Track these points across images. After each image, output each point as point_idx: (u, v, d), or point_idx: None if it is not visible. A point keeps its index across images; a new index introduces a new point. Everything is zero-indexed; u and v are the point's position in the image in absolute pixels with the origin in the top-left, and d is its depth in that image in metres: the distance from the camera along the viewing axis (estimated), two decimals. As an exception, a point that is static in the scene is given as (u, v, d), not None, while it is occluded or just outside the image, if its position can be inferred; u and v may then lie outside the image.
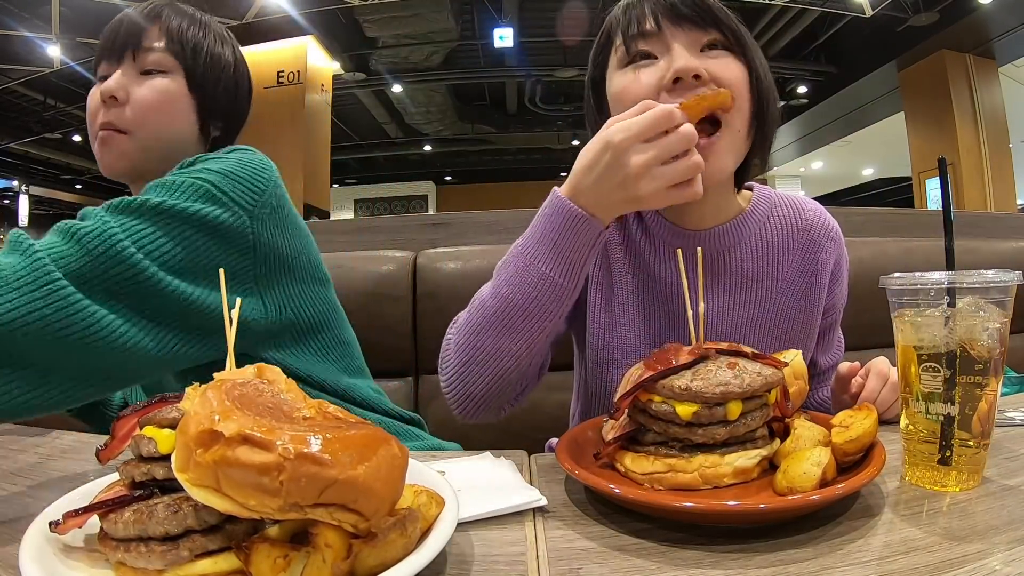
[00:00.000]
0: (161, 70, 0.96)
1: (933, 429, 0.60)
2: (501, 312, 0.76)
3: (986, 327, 0.58)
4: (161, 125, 0.97)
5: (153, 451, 0.46)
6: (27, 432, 0.88)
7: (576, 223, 0.72)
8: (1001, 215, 2.83)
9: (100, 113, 0.95)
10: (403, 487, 0.45)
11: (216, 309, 0.76)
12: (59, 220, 0.75)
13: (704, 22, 0.81)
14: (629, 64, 0.84)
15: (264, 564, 0.41)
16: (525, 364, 0.79)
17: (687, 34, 0.81)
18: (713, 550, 0.50)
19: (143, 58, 0.95)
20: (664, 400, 0.63)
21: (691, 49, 0.81)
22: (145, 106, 0.95)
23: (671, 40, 0.81)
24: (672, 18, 0.81)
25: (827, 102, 9.77)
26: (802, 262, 0.94)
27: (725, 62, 0.81)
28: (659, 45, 0.82)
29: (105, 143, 0.95)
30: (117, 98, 0.94)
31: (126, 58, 0.95)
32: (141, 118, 0.95)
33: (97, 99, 0.95)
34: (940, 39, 7.70)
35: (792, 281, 0.93)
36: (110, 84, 0.94)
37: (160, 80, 0.96)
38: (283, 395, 0.47)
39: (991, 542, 0.49)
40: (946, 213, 0.66)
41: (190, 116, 0.99)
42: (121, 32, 0.96)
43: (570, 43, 8.67)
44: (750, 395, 0.62)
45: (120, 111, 0.94)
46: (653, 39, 0.82)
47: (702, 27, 0.81)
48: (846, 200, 15.06)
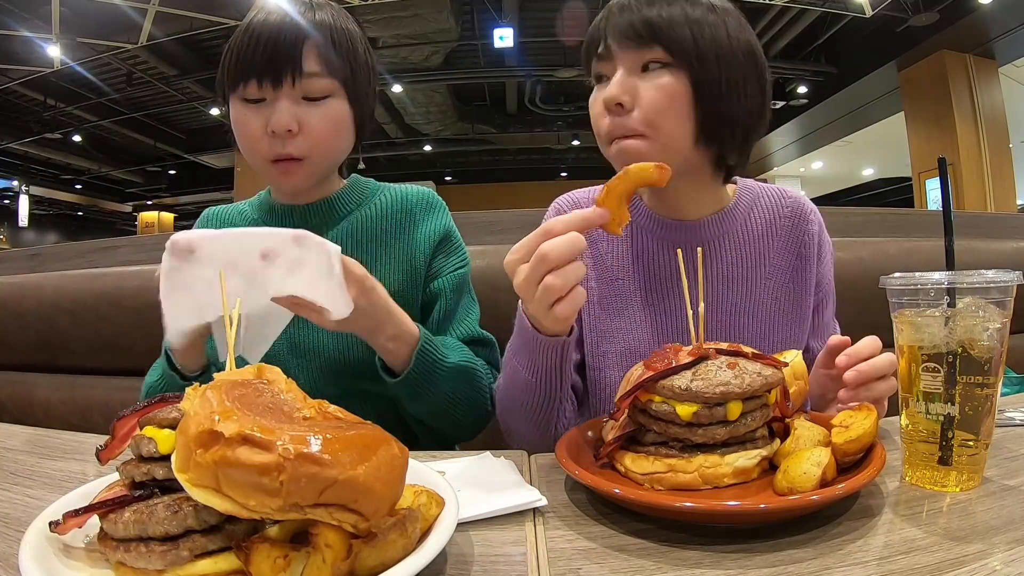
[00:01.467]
0: (327, 95, 0.94)
1: (933, 429, 0.60)
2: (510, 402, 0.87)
3: (986, 327, 0.58)
4: (337, 150, 1.00)
5: (153, 451, 0.46)
6: (27, 432, 0.88)
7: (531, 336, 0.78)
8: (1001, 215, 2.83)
9: (267, 142, 0.93)
10: (403, 487, 0.45)
11: None
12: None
13: (643, 40, 0.84)
14: (596, 82, 0.91)
15: (264, 564, 0.41)
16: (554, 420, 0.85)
17: (629, 55, 0.85)
18: (713, 550, 0.50)
19: (307, 84, 0.92)
20: (664, 400, 0.63)
21: (632, 70, 0.85)
22: (323, 136, 0.94)
23: (617, 63, 0.86)
24: (617, 39, 0.85)
25: (827, 102, 9.77)
26: (788, 245, 0.98)
27: (657, 83, 0.84)
28: (609, 67, 0.88)
29: (286, 174, 0.95)
30: (291, 131, 0.92)
31: (285, 83, 0.91)
32: (318, 146, 0.95)
33: (260, 128, 0.93)
34: (940, 39, 7.69)
35: (780, 266, 0.97)
36: (283, 119, 0.91)
37: (330, 107, 0.95)
38: (283, 395, 0.47)
39: (991, 542, 0.49)
40: (946, 213, 0.66)
41: (352, 130, 1.00)
42: (279, 55, 0.91)
43: (570, 43, 8.65)
44: (750, 395, 0.62)
45: (295, 142, 0.93)
46: (605, 61, 0.88)
47: (643, 45, 0.84)
48: (846, 200, 15.05)
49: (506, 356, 0.86)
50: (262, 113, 0.93)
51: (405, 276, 1.02)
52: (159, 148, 12.60)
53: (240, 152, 0.97)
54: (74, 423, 1.51)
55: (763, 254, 0.97)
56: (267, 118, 0.92)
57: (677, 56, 0.83)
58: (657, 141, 0.85)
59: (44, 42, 7.44)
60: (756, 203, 0.99)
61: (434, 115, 11.89)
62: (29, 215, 13.18)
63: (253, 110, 0.94)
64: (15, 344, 1.57)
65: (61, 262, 1.72)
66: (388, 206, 1.05)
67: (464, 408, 0.95)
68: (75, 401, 1.53)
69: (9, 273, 1.67)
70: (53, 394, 1.54)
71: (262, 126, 0.93)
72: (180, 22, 7.46)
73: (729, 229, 0.96)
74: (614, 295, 0.96)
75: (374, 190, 1.09)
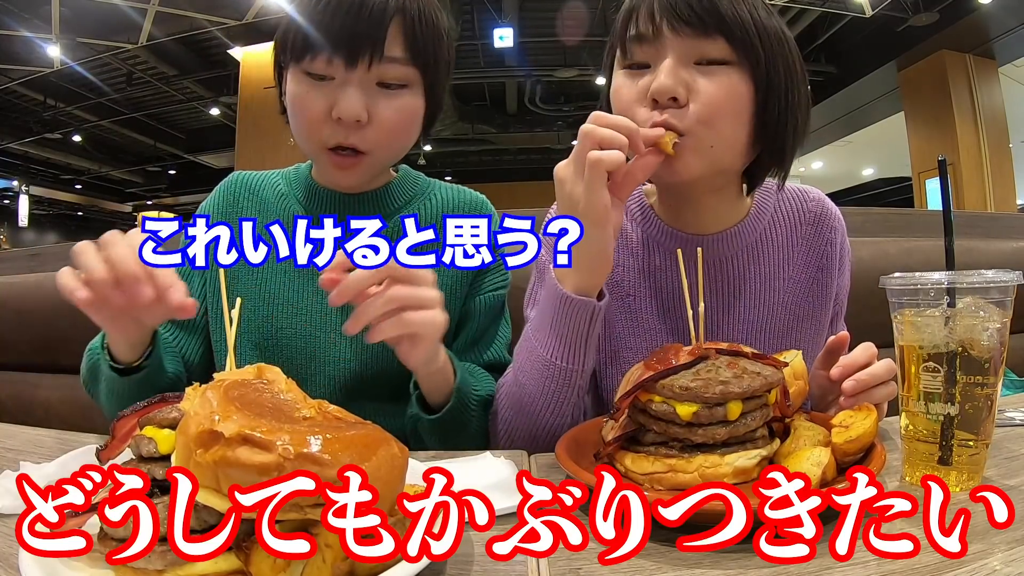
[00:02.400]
0: (403, 84, 0.84)
1: (933, 429, 0.60)
2: (523, 400, 0.79)
3: (986, 327, 0.58)
4: (403, 146, 0.91)
5: (153, 451, 0.46)
6: (26, 431, 0.88)
7: (567, 305, 0.74)
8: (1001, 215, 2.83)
9: (329, 128, 0.83)
10: (403, 487, 0.45)
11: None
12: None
13: (706, 27, 0.74)
14: (626, 67, 0.81)
15: (264, 564, 0.41)
16: (567, 419, 0.80)
17: (684, 41, 0.75)
18: (713, 550, 0.50)
19: (384, 70, 0.82)
20: (664, 400, 0.62)
21: (684, 61, 0.76)
22: (392, 130, 0.85)
23: (666, 49, 0.76)
24: (672, 21, 0.75)
25: (827, 102, 9.76)
26: (808, 256, 0.93)
27: (718, 81, 0.75)
28: (653, 53, 0.78)
29: (342, 168, 0.86)
30: (360, 121, 0.82)
31: (361, 64, 0.80)
32: (385, 141, 0.86)
33: (322, 111, 0.82)
34: (940, 39, 7.69)
35: (799, 279, 0.92)
36: (354, 107, 0.80)
37: (405, 99, 0.85)
38: (283, 395, 0.47)
39: (991, 542, 0.49)
40: (946, 213, 0.66)
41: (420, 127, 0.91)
42: (359, 30, 0.79)
43: (570, 43, 8.67)
44: (750, 395, 0.62)
45: (362, 133, 0.83)
46: (648, 45, 0.77)
47: (704, 33, 0.74)
48: (846, 200, 15.01)
49: (519, 343, 0.81)
50: (327, 93, 0.82)
51: (448, 286, 0.93)
52: (159, 148, 12.60)
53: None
54: (74, 423, 1.49)
55: (781, 266, 0.91)
56: (332, 101, 0.81)
57: (741, 51, 0.75)
58: (705, 143, 0.76)
59: (44, 42, 7.44)
60: (776, 211, 0.93)
61: (434, 115, 11.89)
62: (29, 215, 13.18)
63: (317, 88, 0.82)
64: (15, 344, 1.57)
65: (61, 262, 1.70)
66: (440, 207, 0.98)
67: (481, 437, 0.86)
68: (75, 401, 1.52)
69: (9, 273, 1.67)
70: (53, 394, 1.54)
71: (325, 109, 0.82)
72: (180, 22, 7.46)
73: (748, 241, 0.90)
74: (626, 312, 0.91)
75: (425, 186, 1.01)
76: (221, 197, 1.02)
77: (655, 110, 0.76)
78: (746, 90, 0.76)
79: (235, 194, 1.00)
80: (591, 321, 0.75)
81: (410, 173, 1.02)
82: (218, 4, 7.11)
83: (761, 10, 0.77)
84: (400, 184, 0.99)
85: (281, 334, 0.93)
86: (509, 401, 0.82)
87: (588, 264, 0.74)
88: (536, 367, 0.77)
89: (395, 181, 0.99)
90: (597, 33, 7.96)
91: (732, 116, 0.77)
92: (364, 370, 0.93)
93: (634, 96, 0.79)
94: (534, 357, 0.78)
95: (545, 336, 0.76)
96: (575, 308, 0.74)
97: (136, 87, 9.72)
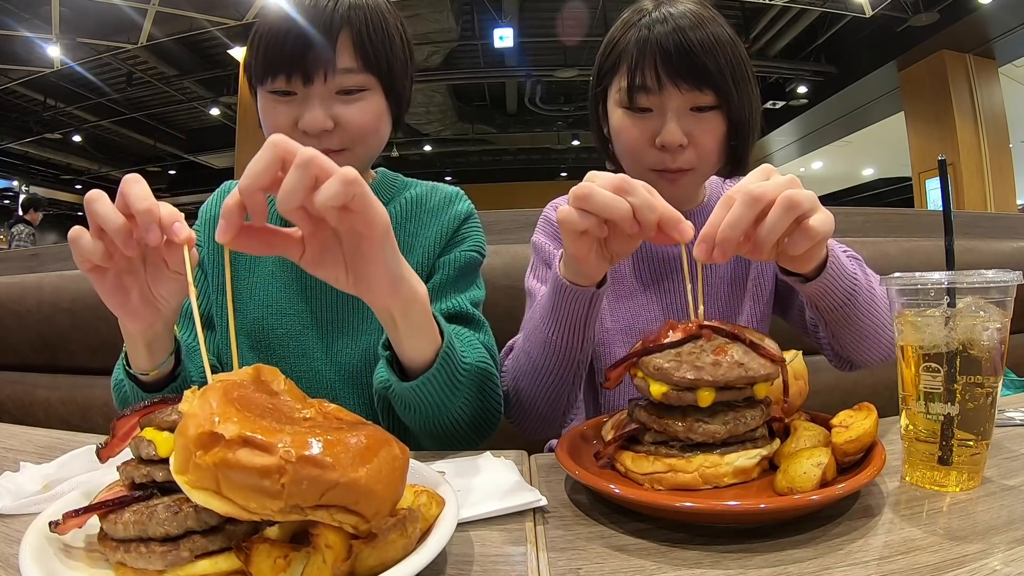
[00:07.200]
0: (362, 88, 0.90)
1: (933, 429, 0.60)
2: (528, 367, 0.87)
3: (986, 327, 0.58)
4: (377, 142, 0.96)
5: (152, 454, 0.45)
6: (25, 431, 0.88)
7: (566, 293, 0.78)
8: (1001, 215, 2.83)
9: (298, 138, 0.79)
10: (404, 488, 0.45)
11: None
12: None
13: (700, 82, 0.88)
14: (628, 108, 0.93)
15: (264, 564, 0.41)
16: (567, 392, 0.86)
17: (683, 95, 0.90)
18: (713, 550, 0.50)
19: (340, 80, 0.88)
20: (644, 376, 0.62)
21: (683, 111, 0.91)
22: (359, 131, 0.91)
23: (669, 100, 0.90)
24: (673, 77, 0.88)
25: (827, 102, 9.77)
26: None
27: (711, 125, 0.92)
28: (657, 102, 0.91)
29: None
30: (327, 129, 0.88)
31: (317, 80, 0.86)
32: (357, 138, 0.91)
33: (289, 123, 0.88)
34: (940, 39, 7.70)
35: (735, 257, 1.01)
36: (316, 118, 0.86)
37: (366, 102, 0.90)
38: (283, 396, 0.47)
39: (991, 542, 0.49)
40: (946, 213, 0.66)
41: (389, 124, 0.96)
42: (311, 50, 0.85)
43: (570, 43, 8.67)
44: (724, 385, 0.60)
45: (332, 138, 0.89)
46: (653, 95, 0.91)
47: (698, 87, 0.89)
48: (846, 200, 15.04)
49: (526, 316, 0.89)
50: (294, 108, 0.88)
51: (426, 274, 0.97)
52: (159, 148, 12.61)
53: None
54: (74, 423, 1.51)
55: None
56: (298, 114, 0.87)
57: (723, 98, 0.90)
58: (699, 172, 0.96)
59: (44, 42, 7.45)
60: (718, 195, 1.04)
61: (434, 115, 11.89)
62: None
63: (283, 103, 0.88)
64: (15, 344, 1.57)
65: (61, 262, 1.72)
66: (416, 202, 1.02)
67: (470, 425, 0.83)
68: (75, 401, 1.53)
69: (9, 273, 1.67)
70: (53, 394, 1.55)
71: (292, 122, 0.88)
72: (180, 22, 7.47)
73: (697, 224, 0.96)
74: (612, 279, 0.97)
75: (403, 186, 1.05)
76: (218, 202, 1.06)
77: (664, 153, 0.92)
78: (723, 126, 0.93)
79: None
80: (590, 306, 0.79)
81: (388, 175, 1.07)
82: (218, 4, 7.11)
83: (729, 49, 0.89)
84: (379, 186, 1.03)
85: (272, 335, 0.96)
86: (516, 364, 0.91)
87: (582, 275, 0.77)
88: (539, 342, 0.84)
89: (374, 184, 1.03)
90: (597, 33, 7.96)
91: (719, 151, 0.95)
92: (357, 368, 0.95)
93: (644, 140, 0.93)
94: (538, 333, 0.84)
95: (548, 316, 0.81)
96: (574, 296, 0.78)
97: (136, 87, 9.72)
